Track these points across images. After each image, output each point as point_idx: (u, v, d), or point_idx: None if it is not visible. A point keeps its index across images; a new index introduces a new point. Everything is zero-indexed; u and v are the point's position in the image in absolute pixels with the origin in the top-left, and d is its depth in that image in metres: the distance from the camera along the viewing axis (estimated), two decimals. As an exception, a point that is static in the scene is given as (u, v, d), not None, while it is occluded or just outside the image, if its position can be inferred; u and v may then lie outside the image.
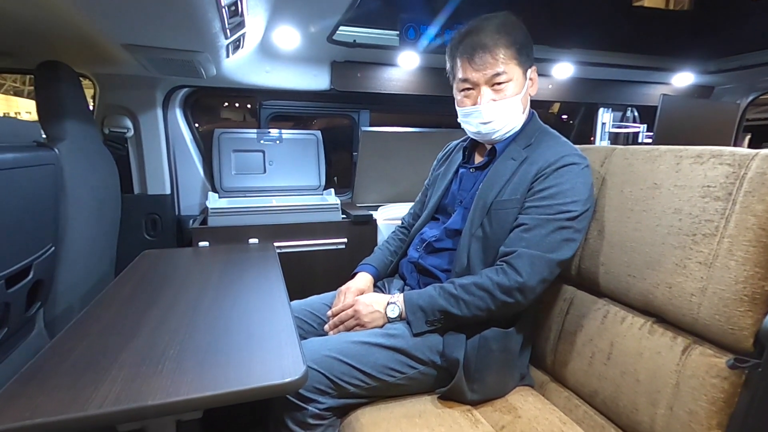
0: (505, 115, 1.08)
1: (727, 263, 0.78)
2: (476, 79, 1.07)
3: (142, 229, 1.81)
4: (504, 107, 1.07)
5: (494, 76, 1.05)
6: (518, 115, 1.11)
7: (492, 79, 1.06)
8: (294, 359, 0.67)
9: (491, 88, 1.07)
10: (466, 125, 1.15)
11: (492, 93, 1.07)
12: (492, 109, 1.07)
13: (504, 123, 1.09)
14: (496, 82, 1.06)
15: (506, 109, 1.08)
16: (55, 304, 1.20)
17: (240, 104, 3.78)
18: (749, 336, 0.75)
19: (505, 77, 1.06)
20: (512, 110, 1.09)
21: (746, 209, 0.78)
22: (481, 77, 1.06)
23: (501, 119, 1.09)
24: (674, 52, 2.25)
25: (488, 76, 1.06)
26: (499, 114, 1.08)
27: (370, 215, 1.73)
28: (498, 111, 1.08)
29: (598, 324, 1.04)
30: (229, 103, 5.34)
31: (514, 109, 1.09)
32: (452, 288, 1.02)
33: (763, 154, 0.79)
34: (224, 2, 0.90)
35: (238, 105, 3.75)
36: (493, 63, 1.04)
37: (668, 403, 0.84)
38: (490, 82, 1.06)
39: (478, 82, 1.07)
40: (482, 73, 1.06)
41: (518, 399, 1.06)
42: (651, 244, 0.94)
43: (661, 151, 1.00)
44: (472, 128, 1.13)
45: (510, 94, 1.07)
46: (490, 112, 1.08)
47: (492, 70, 1.05)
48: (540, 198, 1.01)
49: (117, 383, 0.61)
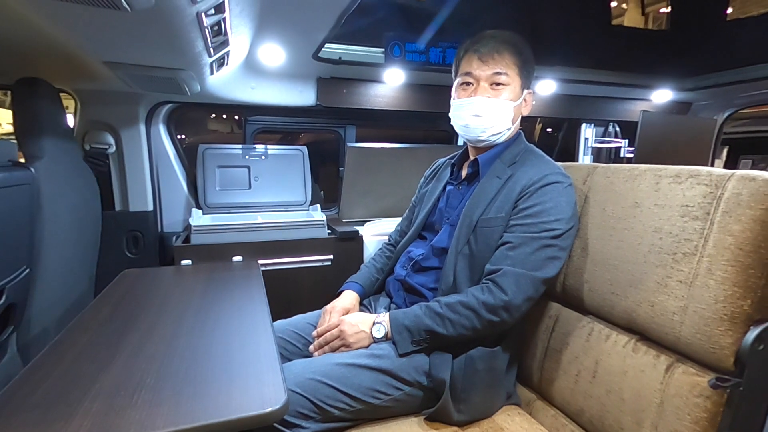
0: (495, 114, 1.11)
1: (707, 282, 0.79)
2: (478, 75, 1.12)
3: (123, 246, 1.77)
4: (497, 105, 1.11)
5: (496, 74, 1.10)
6: (507, 121, 1.13)
7: (493, 77, 1.11)
8: (275, 387, 0.66)
9: (490, 87, 1.12)
10: (456, 119, 1.17)
11: (490, 90, 1.12)
12: (486, 103, 1.11)
13: (493, 122, 1.12)
14: (496, 82, 1.11)
15: (498, 109, 1.11)
16: (30, 327, 1.16)
17: (228, 116, 3.76)
18: (730, 355, 0.76)
19: (505, 79, 1.10)
20: (503, 112, 1.12)
21: (723, 229, 0.79)
22: (483, 73, 1.11)
23: (491, 116, 1.11)
24: (653, 70, 2.32)
25: (490, 73, 1.11)
26: (490, 110, 1.11)
27: (356, 231, 1.72)
28: (490, 107, 1.11)
29: (583, 342, 1.05)
30: (217, 115, 5.29)
31: (505, 113, 1.12)
32: (437, 307, 1.01)
33: (739, 174, 0.81)
34: (207, 23, 0.90)
35: (225, 117, 3.72)
36: (499, 62, 1.10)
37: (653, 422, 0.84)
38: (490, 80, 1.11)
39: (480, 78, 1.12)
40: (486, 68, 1.11)
41: (505, 419, 1.05)
42: (633, 262, 0.95)
43: (641, 170, 1.01)
44: (461, 121, 1.15)
45: (505, 98, 1.11)
46: (483, 106, 1.11)
47: (496, 68, 1.10)
48: (524, 216, 1.02)
49: (88, 417, 0.58)
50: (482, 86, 1.12)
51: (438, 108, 2.04)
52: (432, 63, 1.78)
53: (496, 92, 1.11)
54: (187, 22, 0.86)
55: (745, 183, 0.78)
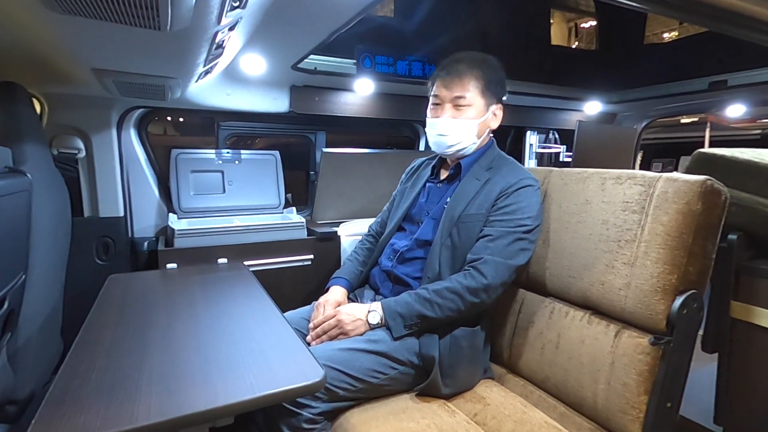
0: (458, 133, 1.27)
1: (644, 263, 1.00)
2: (443, 96, 1.27)
3: (92, 253, 1.73)
4: (459, 126, 1.26)
5: (457, 97, 1.25)
6: (471, 137, 1.28)
7: (455, 99, 1.26)
8: (310, 362, 0.76)
9: (453, 107, 1.27)
10: (428, 135, 1.34)
11: (453, 111, 1.27)
12: (449, 124, 1.26)
13: (457, 140, 1.27)
14: (458, 104, 1.26)
15: (461, 128, 1.26)
16: (18, 334, 1.14)
17: (159, 117, 3.56)
18: (663, 319, 0.96)
19: (466, 102, 1.25)
20: (466, 131, 1.27)
21: (655, 220, 1.00)
22: (447, 95, 1.26)
23: (455, 135, 1.27)
24: (585, 84, 2.64)
25: (452, 96, 1.26)
26: (453, 130, 1.26)
27: (334, 232, 1.82)
28: (453, 127, 1.26)
29: (546, 319, 1.23)
30: (160, 118, 5.03)
31: (469, 130, 1.27)
32: (426, 293, 1.15)
33: (665, 176, 1.02)
34: (218, 39, 0.97)
35: (157, 118, 3.55)
36: (459, 87, 1.25)
37: (606, 378, 1.04)
38: (453, 102, 1.26)
39: (444, 100, 1.27)
40: (448, 92, 1.26)
41: (484, 390, 1.21)
42: (586, 249, 1.14)
43: (589, 173, 1.22)
44: (431, 138, 1.32)
45: (468, 117, 1.26)
46: (447, 127, 1.26)
47: (456, 92, 1.25)
48: (502, 213, 1.19)
49: (152, 397, 0.65)
50: (447, 107, 1.27)
51: (403, 116, 2.19)
52: (399, 74, 1.93)
53: (459, 112, 1.27)
54: (203, 39, 0.92)
55: (670, 183, 0.99)
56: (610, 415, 1.02)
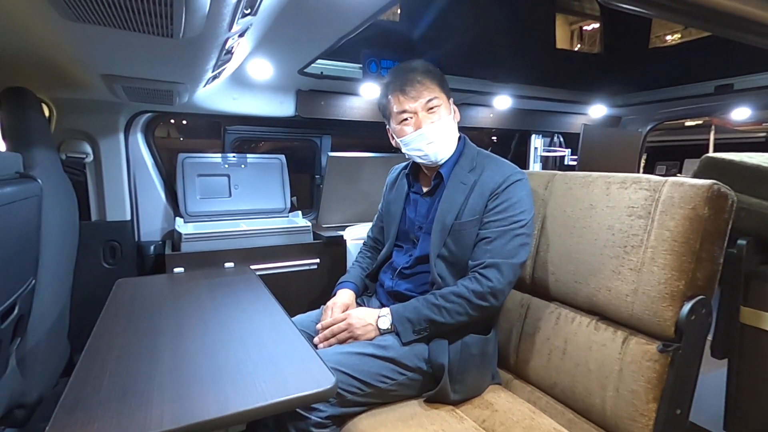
0: (444, 135, 1.25)
1: (651, 269, 1.00)
2: (413, 108, 1.23)
3: (99, 257, 1.74)
4: (442, 128, 1.24)
5: (428, 101, 1.22)
6: (454, 138, 1.28)
7: (427, 104, 1.23)
8: (321, 369, 0.76)
9: (427, 113, 1.23)
10: (412, 152, 1.28)
11: (429, 116, 1.24)
12: (434, 129, 1.23)
13: (446, 143, 1.25)
14: (430, 107, 1.23)
15: (444, 129, 1.24)
16: (27, 339, 1.15)
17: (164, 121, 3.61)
18: (671, 325, 0.96)
19: (437, 102, 1.23)
20: (449, 130, 1.26)
21: (662, 225, 0.99)
22: (418, 105, 1.23)
23: (442, 139, 1.24)
24: (590, 88, 2.64)
25: (423, 102, 1.22)
26: (439, 133, 1.24)
27: (340, 236, 1.82)
28: (438, 130, 1.23)
29: (552, 325, 1.23)
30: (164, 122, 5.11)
31: (451, 130, 1.26)
32: (434, 298, 1.15)
33: (671, 181, 1.02)
34: (228, 45, 0.98)
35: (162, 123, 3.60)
36: (426, 91, 1.22)
37: (615, 385, 1.03)
38: (425, 108, 1.23)
39: (415, 110, 1.23)
40: (418, 101, 1.22)
41: (492, 396, 1.21)
42: (592, 255, 1.14)
43: (593, 177, 1.22)
44: (418, 153, 1.26)
45: (443, 116, 1.25)
46: (433, 133, 1.23)
47: (426, 97, 1.22)
48: (496, 212, 1.19)
49: (165, 404, 0.65)
50: (421, 115, 1.23)
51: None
52: (405, 79, 1.93)
53: (434, 114, 1.24)
54: (214, 46, 0.93)
55: (676, 188, 0.99)
56: (619, 422, 1.02)
